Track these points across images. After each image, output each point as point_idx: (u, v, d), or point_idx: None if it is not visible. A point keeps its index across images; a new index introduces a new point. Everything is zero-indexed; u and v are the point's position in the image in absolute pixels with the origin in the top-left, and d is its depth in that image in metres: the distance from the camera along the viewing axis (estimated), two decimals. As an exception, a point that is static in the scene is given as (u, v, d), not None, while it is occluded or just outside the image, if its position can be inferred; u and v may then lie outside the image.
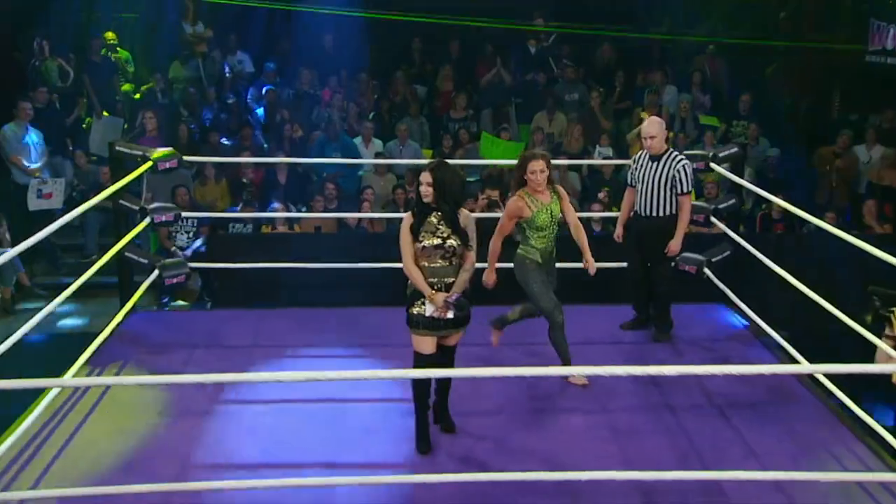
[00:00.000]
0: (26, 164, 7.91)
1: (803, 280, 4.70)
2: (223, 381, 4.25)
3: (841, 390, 4.27)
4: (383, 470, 3.80)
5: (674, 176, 4.97)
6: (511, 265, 4.54)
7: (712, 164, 5.35)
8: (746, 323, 5.44)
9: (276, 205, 7.82)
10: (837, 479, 3.67)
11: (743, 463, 3.88)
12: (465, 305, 3.97)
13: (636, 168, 5.11)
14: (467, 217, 3.96)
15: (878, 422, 3.98)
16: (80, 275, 5.17)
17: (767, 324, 5.10)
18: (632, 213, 5.18)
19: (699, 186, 8.04)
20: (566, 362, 4.53)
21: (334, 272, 6.19)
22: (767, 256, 5.08)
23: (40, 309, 4.43)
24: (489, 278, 4.48)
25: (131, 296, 5.36)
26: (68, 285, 4.65)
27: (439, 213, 3.89)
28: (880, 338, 3.80)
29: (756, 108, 9.32)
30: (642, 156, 5.13)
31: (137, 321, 5.44)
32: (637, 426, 4.21)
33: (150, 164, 4.96)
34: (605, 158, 8.70)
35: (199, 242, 7.51)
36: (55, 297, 4.57)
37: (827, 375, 4.31)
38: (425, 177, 3.87)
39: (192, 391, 4.53)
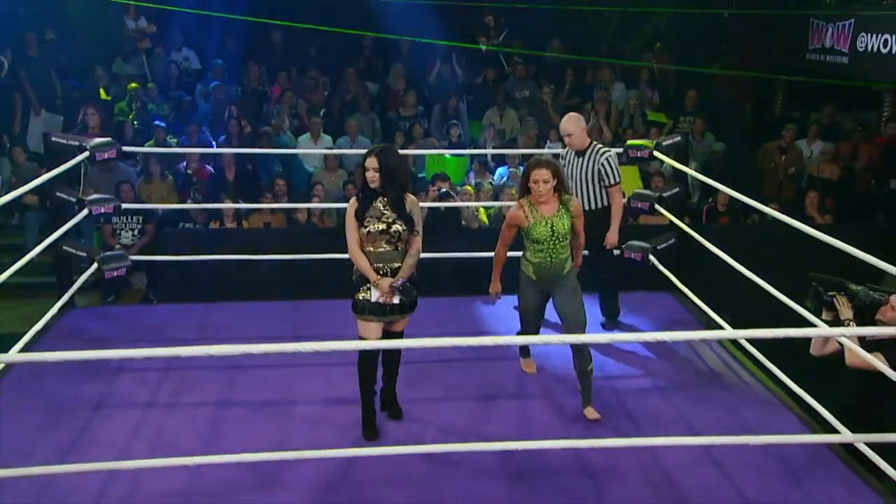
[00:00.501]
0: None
1: (747, 268, 4.81)
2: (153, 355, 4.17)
3: (784, 373, 4.36)
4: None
5: (600, 169, 5.02)
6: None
7: (656, 153, 5.44)
8: (690, 310, 5.55)
9: (227, 202, 7.72)
10: (764, 443, 3.76)
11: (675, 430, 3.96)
12: (411, 291, 3.98)
13: (564, 165, 5.14)
14: (413, 202, 3.97)
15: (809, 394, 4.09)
16: (21, 275, 5.05)
17: (712, 310, 5.21)
18: None
19: (646, 177, 8.20)
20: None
21: (283, 266, 6.15)
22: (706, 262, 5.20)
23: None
24: (494, 288, 4.35)
25: (69, 284, 5.24)
26: (11, 285, 4.52)
27: (385, 199, 3.89)
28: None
29: (702, 104, 9.52)
30: (568, 152, 5.18)
31: (77, 316, 5.33)
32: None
33: (86, 154, 4.85)
34: (554, 155, 8.77)
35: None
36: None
37: (752, 342, 4.44)
38: (371, 162, 3.87)
39: (131, 385, 4.47)
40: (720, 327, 5.09)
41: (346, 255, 3.98)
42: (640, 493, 3.56)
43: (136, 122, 8.49)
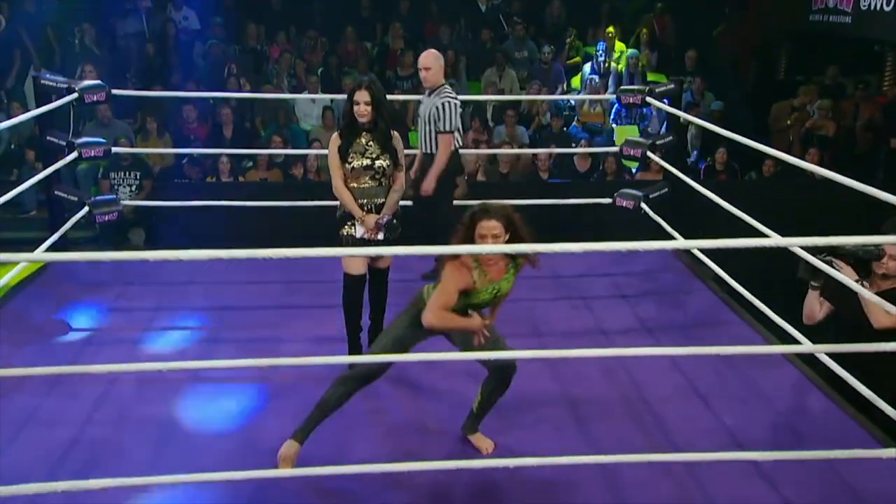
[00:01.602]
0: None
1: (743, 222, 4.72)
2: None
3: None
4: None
5: (435, 111, 4.64)
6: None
7: (648, 99, 5.38)
8: (681, 258, 5.52)
9: (223, 159, 7.70)
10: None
11: (668, 375, 3.95)
12: (396, 228, 3.96)
13: (421, 104, 4.88)
14: (396, 138, 3.94)
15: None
16: (18, 231, 5.08)
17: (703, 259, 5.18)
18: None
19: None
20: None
21: (277, 217, 6.14)
22: (710, 202, 5.11)
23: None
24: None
25: (62, 237, 5.25)
26: (5, 240, 4.54)
27: (368, 134, 3.87)
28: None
29: (702, 64, 9.42)
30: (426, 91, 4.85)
31: (75, 265, 5.33)
32: (567, 347, 4.24)
33: (75, 95, 4.83)
34: (553, 115, 8.74)
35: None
36: None
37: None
38: (362, 95, 3.81)
39: (122, 322, 4.50)
40: (712, 276, 5.07)
41: (336, 203, 3.95)
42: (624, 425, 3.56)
43: (133, 80, 8.46)
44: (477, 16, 9.91)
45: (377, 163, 3.85)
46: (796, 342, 3.79)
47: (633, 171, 8.07)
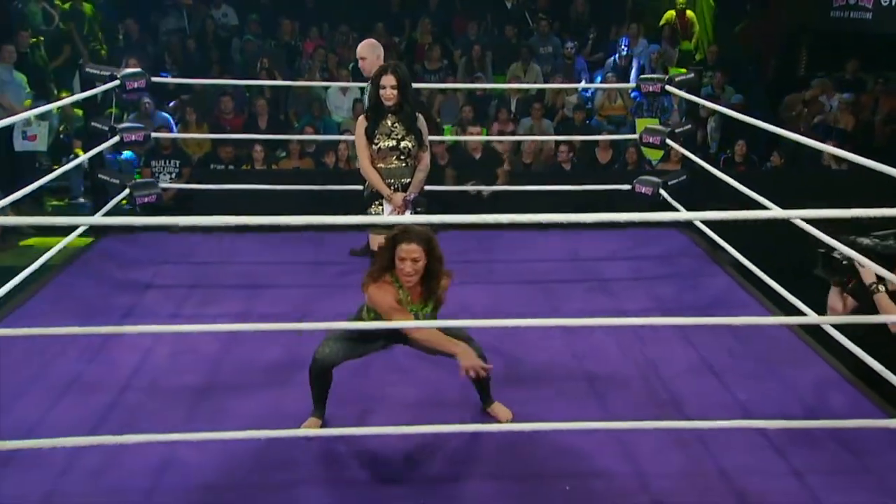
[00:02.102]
0: (12, 104, 7.82)
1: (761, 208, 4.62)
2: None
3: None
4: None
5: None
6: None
7: (668, 87, 5.31)
8: (698, 244, 5.45)
9: (257, 148, 7.76)
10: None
11: (682, 353, 3.91)
12: (423, 204, 3.97)
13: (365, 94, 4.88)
14: (421, 120, 3.95)
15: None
16: (66, 215, 5.21)
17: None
18: None
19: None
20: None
21: (308, 202, 6.16)
22: (728, 192, 5.03)
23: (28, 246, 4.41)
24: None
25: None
26: (55, 225, 4.64)
27: (394, 116, 3.88)
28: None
29: (723, 59, 9.30)
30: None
31: (110, 241, 5.42)
32: (584, 326, 4.21)
33: (117, 82, 4.90)
34: (575, 108, 8.67)
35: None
36: (41, 236, 4.56)
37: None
38: (389, 79, 3.83)
39: (159, 299, 4.56)
40: (730, 262, 5.01)
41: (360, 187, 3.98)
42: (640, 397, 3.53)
43: (174, 74, 8.56)
44: (503, 12, 9.89)
45: (402, 143, 3.86)
46: (818, 330, 3.70)
47: (654, 162, 7.99)
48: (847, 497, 2.84)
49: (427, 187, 4.19)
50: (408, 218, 3.72)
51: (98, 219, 4.36)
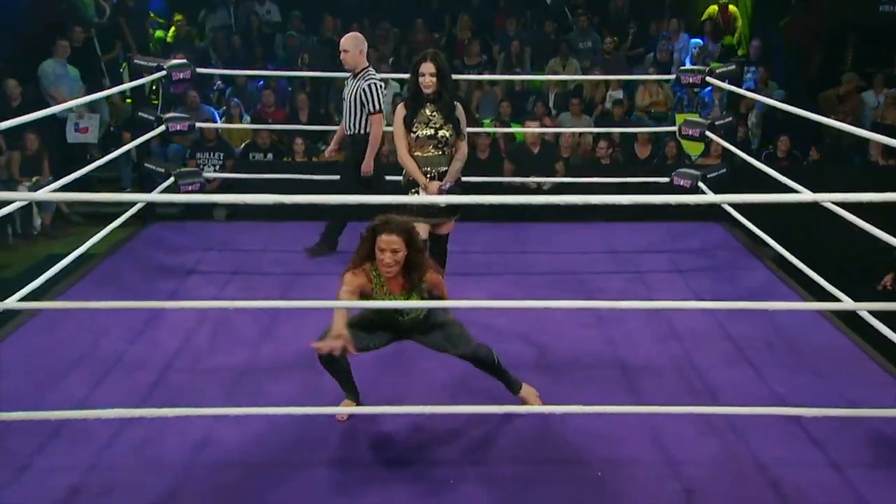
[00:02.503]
0: (66, 98, 8.02)
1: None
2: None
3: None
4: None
5: (361, 94, 4.67)
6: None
7: (708, 79, 5.22)
8: (738, 238, 5.36)
9: (298, 141, 7.84)
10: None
11: (719, 344, 3.85)
12: (458, 193, 3.96)
13: (345, 87, 4.87)
14: (459, 109, 3.94)
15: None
16: (115, 205, 5.35)
17: (759, 238, 5.00)
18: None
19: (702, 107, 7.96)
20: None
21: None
22: (770, 186, 4.90)
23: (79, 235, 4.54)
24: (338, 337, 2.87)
25: (150, 205, 5.48)
26: (103, 215, 4.80)
27: (432, 105, 3.88)
28: None
29: (766, 54, 9.10)
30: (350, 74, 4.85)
31: (157, 228, 5.54)
32: (619, 315, 4.17)
33: (163, 73, 5.00)
34: (615, 102, 8.58)
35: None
36: (90, 224, 4.69)
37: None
38: (428, 67, 3.82)
39: (201, 284, 4.64)
40: (770, 256, 4.91)
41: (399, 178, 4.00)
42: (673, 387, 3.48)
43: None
44: (542, 8, 9.83)
45: (440, 132, 3.86)
46: (862, 325, 3.60)
47: (693, 157, 7.85)
48: (889, 491, 2.76)
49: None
50: (443, 198, 3.74)
51: (141, 195, 4.44)
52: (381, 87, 4.77)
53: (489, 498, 2.75)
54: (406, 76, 4.14)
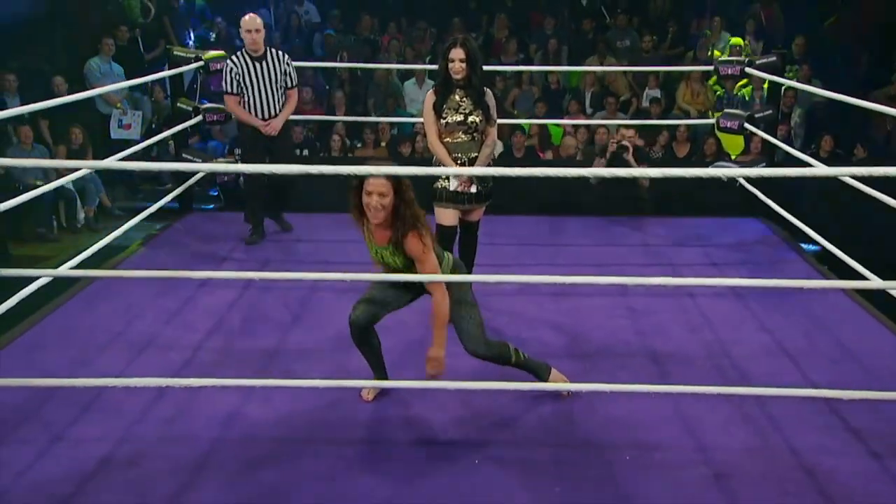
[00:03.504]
0: (110, 95, 8.22)
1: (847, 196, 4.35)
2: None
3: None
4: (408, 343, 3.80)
5: (285, 71, 4.96)
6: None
7: (747, 69, 5.12)
8: (778, 233, 5.24)
9: (335, 137, 7.91)
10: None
11: (754, 336, 3.76)
12: (488, 180, 3.94)
13: (238, 73, 4.88)
14: (489, 95, 3.92)
15: None
16: (156, 200, 5.51)
17: (800, 233, 4.87)
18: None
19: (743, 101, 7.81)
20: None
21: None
22: (813, 184, 4.81)
23: (119, 226, 4.66)
24: None
25: (188, 197, 5.59)
26: (144, 209, 5.00)
27: (462, 91, 3.87)
28: None
29: (810, 52, 8.90)
30: (239, 61, 4.91)
31: (194, 218, 5.63)
32: (652, 306, 4.11)
33: (201, 63, 5.10)
34: (652, 100, 8.48)
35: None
36: (132, 218, 4.83)
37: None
38: (457, 53, 3.82)
39: (234, 271, 4.69)
40: (809, 250, 4.79)
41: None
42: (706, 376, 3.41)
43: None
44: (579, 7, 9.77)
45: (470, 118, 3.85)
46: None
47: (733, 156, 7.71)
48: (930, 482, 2.66)
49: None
50: (473, 170, 3.74)
51: (196, 164, 4.62)
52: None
53: (514, 479, 2.72)
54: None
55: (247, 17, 4.94)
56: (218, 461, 2.83)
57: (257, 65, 4.89)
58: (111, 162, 4.18)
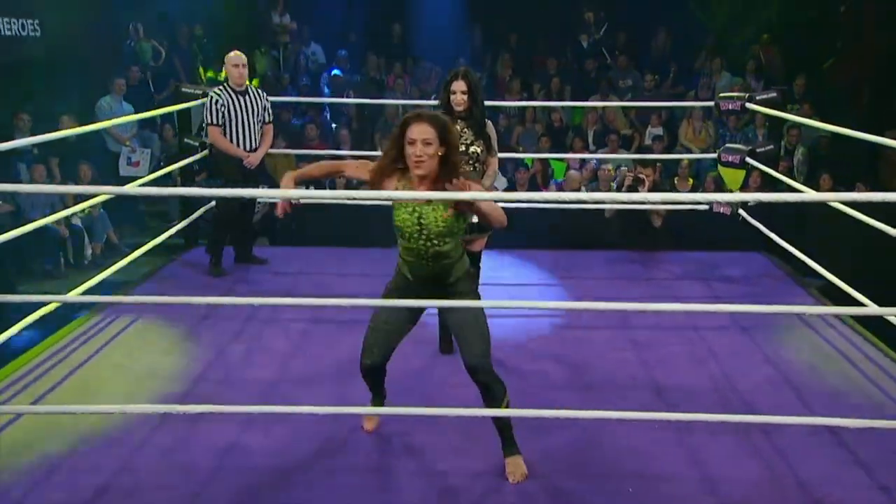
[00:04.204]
0: (120, 134, 8.33)
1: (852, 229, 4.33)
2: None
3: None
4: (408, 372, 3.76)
5: (265, 107, 5.14)
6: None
7: (748, 105, 5.15)
8: (782, 267, 5.21)
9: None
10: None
11: (760, 368, 3.71)
12: (491, 208, 3.94)
13: (222, 105, 4.98)
14: (490, 126, 3.95)
15: None
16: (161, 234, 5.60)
17: (803, 268, 4.84)
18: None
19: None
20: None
21: (387, 223, 6.26)
22: (813, 218, 4.79)
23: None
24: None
25: (193, 232, 5.62)
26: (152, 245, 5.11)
27: (463, 122, 3.89)
28: None
29: (811, 92, 8.97)
30: (223, 94, 5.00)
31: (199, 252, 5.63)
32: (656, 339, 4.07)
33: (206, 98, 5.16)
34: (655, 138, 8.53)
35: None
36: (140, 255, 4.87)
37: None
38: (459, 85, 3.84)
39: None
40: (814, 279, 4.76)
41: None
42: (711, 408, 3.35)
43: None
44: (581, 48, 9.90)
45: (471, 148, 3.86)
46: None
47: (734, 191, 7.72)
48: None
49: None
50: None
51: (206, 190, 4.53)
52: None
53: (516, 510, 2.66)
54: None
55: (232, 53, 5.09)
56: (216, 492, 2.78)
57: (240, 98, 5.02)
58: (126, 188, 4.17)
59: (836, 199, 2.93)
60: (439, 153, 2.61)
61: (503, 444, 2.87)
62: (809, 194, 3.17)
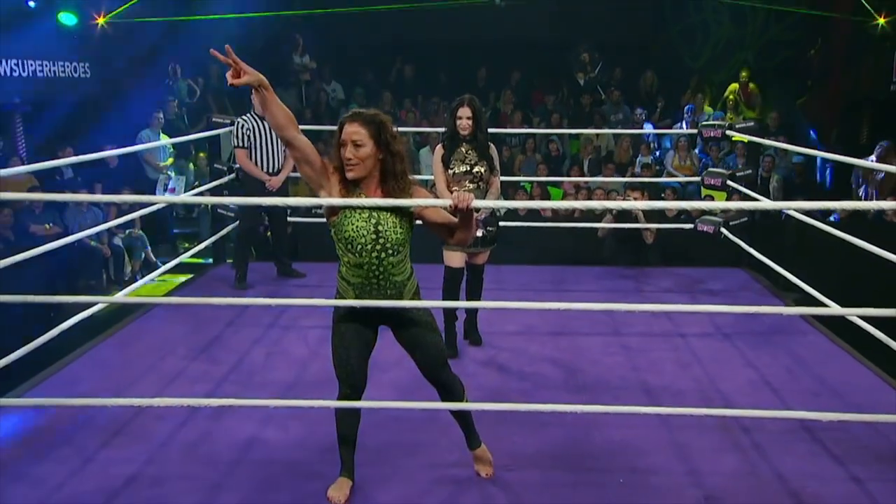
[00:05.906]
0: (157, 162, 8.40)
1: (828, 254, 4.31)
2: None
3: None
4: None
5: None
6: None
7: (729, 132, 5.14)
8: (761, 281, 5.16)
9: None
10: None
11: (741, 371, 3.65)
12: (495, 224, 3.94)
13: (248, 129, 4.98)
14: (492, 149, 3.96)
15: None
16: (195, 257, 5.65)
17: (782, 282, 4.78)
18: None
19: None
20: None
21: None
22: (792, 235, 4.78)
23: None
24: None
25: (222, 247, 5.61)
26: (187, 263, 5.16)
27: (468, 144, 3.90)
28: None
29: (784, 126, 8.97)
30: (250, 120, 5.00)
31: (226, 268, 5.63)
32: (645, 345, 4.02)
33: (233, 126, 5.20)
34: (644, 166, 8.52)
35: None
36: (175, 271, 4.88)
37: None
38: (465, 111, 3.88)
39: (258, 312, 4.64)
40: (794, 292, 4.70)
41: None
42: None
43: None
44: (577, 85, 9.95)
45: (475, 169, 3.87)
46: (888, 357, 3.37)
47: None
48: (912, 506, 2.52)
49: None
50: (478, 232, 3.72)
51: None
52: None
53: (511, 500, 2.60)
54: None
55: None
56: (237, 482, 2.74)
57: (264, 124, 5.01)
58: (171, 197, 4.22)
59: (789, 207, 2.91)
60: (378, 157, 2.33)
61: (468, 438, 2.71)
62: (765, 203, 3.14)
